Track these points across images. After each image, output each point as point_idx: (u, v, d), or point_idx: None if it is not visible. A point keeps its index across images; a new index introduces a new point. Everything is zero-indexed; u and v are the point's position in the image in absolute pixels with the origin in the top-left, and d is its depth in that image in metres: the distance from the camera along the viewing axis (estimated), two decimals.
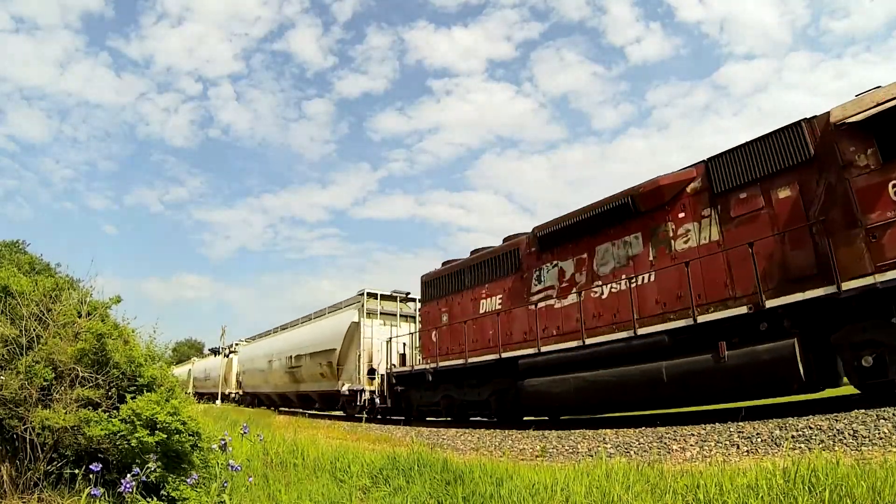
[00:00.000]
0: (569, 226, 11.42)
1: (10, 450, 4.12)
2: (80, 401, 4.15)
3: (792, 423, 6.74)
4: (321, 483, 5.24)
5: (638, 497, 3.99)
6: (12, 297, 4.48)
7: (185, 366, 49.27)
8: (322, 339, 20.80)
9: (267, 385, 26.91)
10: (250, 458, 5.72)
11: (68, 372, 4.25)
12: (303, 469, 5.84)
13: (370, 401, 17.14)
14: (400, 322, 19.35)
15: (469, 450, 9.47)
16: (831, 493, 3.41)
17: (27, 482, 4.02)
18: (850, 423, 6.18)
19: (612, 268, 10.54)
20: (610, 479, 4.44)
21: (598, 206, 10.82)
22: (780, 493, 3.58)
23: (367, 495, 5.00)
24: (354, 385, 18.11)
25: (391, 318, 19.42)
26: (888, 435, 5.71)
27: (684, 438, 7.41)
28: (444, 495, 4.53)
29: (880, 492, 3.37)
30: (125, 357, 4.41)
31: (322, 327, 21.67)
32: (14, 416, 4.03)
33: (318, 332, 21.56)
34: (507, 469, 5.20)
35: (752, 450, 6.42)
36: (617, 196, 10.48)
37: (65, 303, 4.79)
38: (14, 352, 4.28)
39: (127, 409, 4.02)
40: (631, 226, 10.30)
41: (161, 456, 4.00)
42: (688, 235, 9.47)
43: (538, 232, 12.17)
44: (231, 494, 4.28)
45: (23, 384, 4.05)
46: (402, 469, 5.48)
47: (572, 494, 4.16)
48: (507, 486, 4.47)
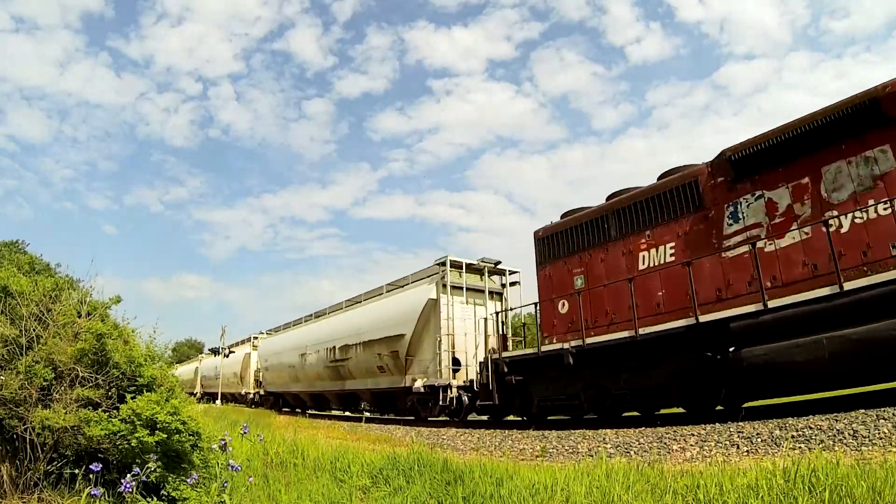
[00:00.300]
0: (778, 143, 8.73)
1: (10, 450, 4.12)
2: (80, 401, 4.15)
3: (792, 423, 6.74)
4: (321, 483, 5.24)
5: (638, 497, 3.99)
6: (12, 297, 4.48)
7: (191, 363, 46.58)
8: (384, 324, 16.59)
9: (297, 383, 22.96)
10: (250, 458, 5.73)
11: (68, 372, 4.25)
12: (303, 469, 5.85)
13: (457, 399, 13.67)
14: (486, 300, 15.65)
15: (469, 450, 9.47)
16: (831, 494, 3.41)
17: (27, 482, 4.02)
18: (850, 423, 6.18)
19: (850, 193, 8.06)
20: (610, 479, 4.44)
21: (820, 116, 8.34)
22: (780, 493, 3.58)
23: (367, 495, 5.00)
24: (433, 380, 14.24)
25: (477, 294, 15.60)
26: (888, 435, 5.71)
27: (684, 438, 7.41)
28: (444, 495, 4.53)
29: (880, 492, 3.37)
30: (125, 357, 4.42)
31: (384, 309, 17.32)
32: (14, 416, 4.03)
33: (378, 315, 17.31)
34: (507, 469, 5.20)
35: (752, 450, 6.42)
36: (849, 101, 8.11)
37: (65, 303, 4.79)
38: (14, 352, 4.28)
39: (127, 409, 4.02)
40: (874, 137, 7.88)
41: (161, 456, 4.01)
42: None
43: (731, 154, 9.23)
44: (231, 494, 4.28)
45: (23, 384, 4.05)
46: (402, 469, 5.48)
47: (572, 494, 4.15)
48: (507, 486, 4.47)
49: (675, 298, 9.38)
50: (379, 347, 16.57)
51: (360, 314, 18.78)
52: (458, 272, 15.17)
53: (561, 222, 12.10)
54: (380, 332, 16.60)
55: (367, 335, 17.25)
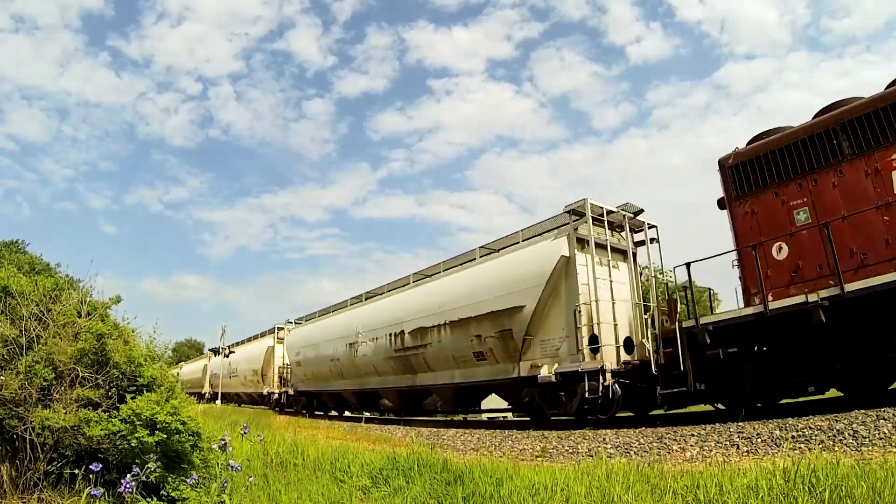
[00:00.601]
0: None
1: (10, 450, 4.12)
2: (80, 401, 4.15)
3: (792, 424, 6.74)
4: (321, 483, 5.24)
5: (638, 497, 3.99)
6: (12, 297, 4.48)
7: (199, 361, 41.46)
8: (489, 294, 12.41)
9: (341, 380, 18.91)
10: (250, 458, 5.73)
11: (68, 372, 4.25)
12: (303, 469, 5.85)
13: (605, 390, 9.90)
14: (628, 258, 12.00)
15: (469, 450, 9.48)
16: (831, 494, 3.41)
17: (27, 482, 4.02)
18: (850, 424, 6.19)
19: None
20: (610, 480, 4.44)
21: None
22: (780, 494, 3.58)
23: (367, 495, 5.00)
24: (569, 364, 10.62)
25: (618, 255, 11.88)
26: (888, 435, 5.71)
27: (684, 439, 7.41)
28: (444, 495, 4.53)
29: (880, 492, 3.37)
30: (125, 357, 4.42)
31: (488, 276, 12.97)
32: (14, 416, 4.03)
33: (478, 285, 13.05)
34: (507, 469, 5.19)
35: (752, 450, 6.42)
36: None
37: (65, 303, 4.79)
38: (14, 352, 4.28)
39: (127, 409, 4.02)
40: None
41: (161, 456, 4.01)
42: None
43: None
44: (231, 494, 4.28)
45: (23, 384, 4.05)
46: (402, 469, 5.48)
47: (572, 495, 4.15)
48: (507, 486, 4.47)
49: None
50: (479, 327, 12.61)
51: (444, 287, 14.50)
52: (597, 226, 11.49)
53: (766, 142, 9.24)
54: (482, 307, 12.50)
55: (459, 312, 13.17)
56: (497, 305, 12.09)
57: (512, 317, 11.76)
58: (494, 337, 12.25)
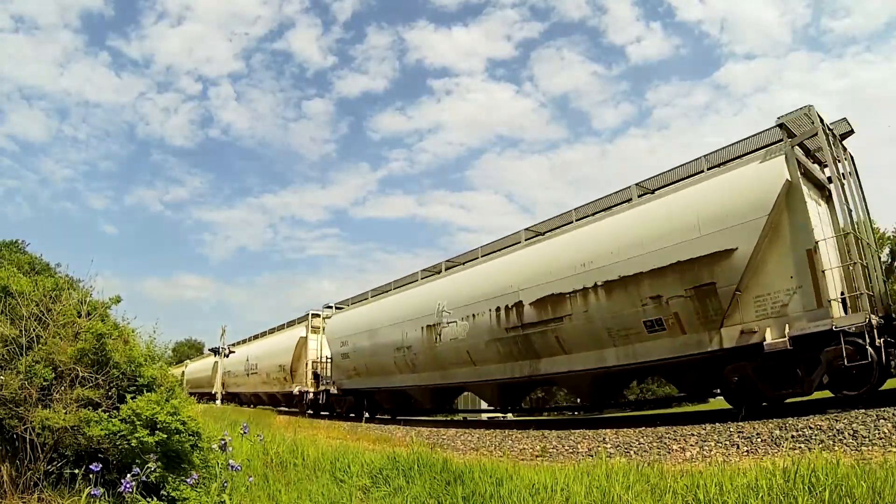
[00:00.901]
0: None
1: (10, 450, 4.12)
2: (80, 401, 4.15)
3: (792, 423, 6.74)
4: (321, 483, 5.24)
5: (638, 497, 3.99)
6: (12, 297, 4.48)
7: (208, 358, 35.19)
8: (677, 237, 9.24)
9: (414, 373, 15.10)
10: (250, 458, 5.72)
11: (68, 372, 4.25)
12: (303, 469, 5.85)
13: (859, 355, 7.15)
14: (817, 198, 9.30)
15: (469, 450, 9.48)
16: (831, 493, 3.41)
17: (27, 482, 4.02)
18: (850, 423, 6.19)
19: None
20: (610, 480, 4.44)
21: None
22: (780, 493, 3.58)
23: (367, 495, 5.00)
24: (814, 323, 7.72)
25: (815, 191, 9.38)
26: (888, 435, 5.72)
27: (684, 438, 7.41)
28: (444, 495, 4.53)
29: (880, 492, 3.37)
30: (125, 357, 4.42)
31: (663, 214, 9.74)
32: (14, 416, 4.03)
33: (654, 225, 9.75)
34: (507, 469, 5.19)
35: (752, 450, 6.43)
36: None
37: (65, 303, 4.79)
38: (14, 352, 4.28)
39: (127, 409, 4.02)
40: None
41: (161, 456, 4.01)
42: None
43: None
44: (231, 494, 4.28)
45: (23, 384, 4.05)
46: (402, 469, 5.48)
47: (572, 494, 4.15)
48: (507, 486, 4.47)
49: None
50: (657, 285, 9.42)
51: (589, 238, 10.91)
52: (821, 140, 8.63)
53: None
54: (663, 257, 9.32)
55: (622, 268, 9.88)
56: (690, 252, 8.99)
57: (714, 266, 8.72)
58: (683, 296, 9.10)
